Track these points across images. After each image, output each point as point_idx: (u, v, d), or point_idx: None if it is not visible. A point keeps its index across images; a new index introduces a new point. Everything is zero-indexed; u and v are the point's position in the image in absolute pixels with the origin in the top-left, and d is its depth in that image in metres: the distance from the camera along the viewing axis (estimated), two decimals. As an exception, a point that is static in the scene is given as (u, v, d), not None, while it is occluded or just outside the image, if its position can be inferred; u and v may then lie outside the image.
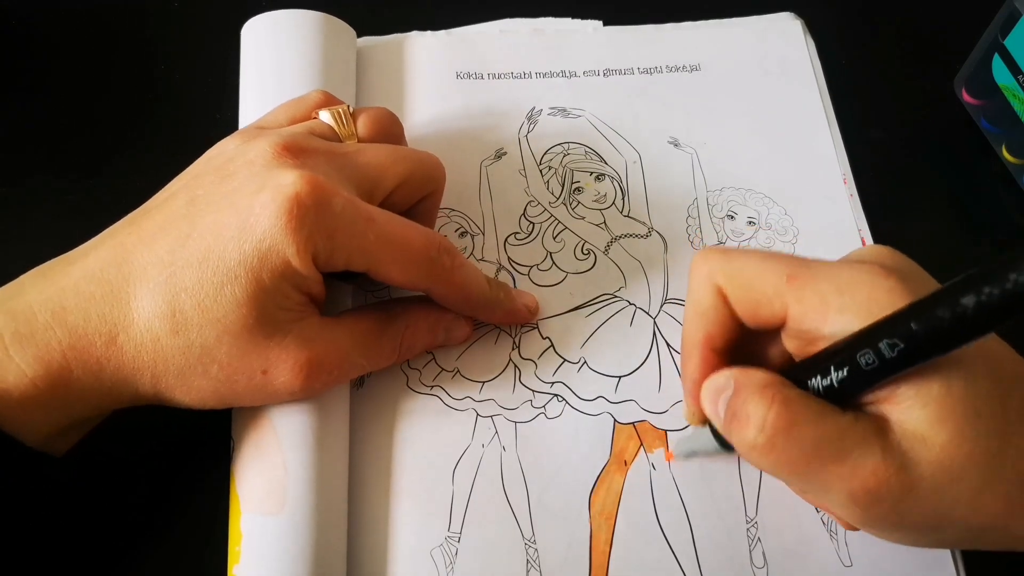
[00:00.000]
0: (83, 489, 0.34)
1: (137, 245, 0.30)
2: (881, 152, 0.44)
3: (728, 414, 0.28)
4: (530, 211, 0.41)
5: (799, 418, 0.26)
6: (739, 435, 0.27)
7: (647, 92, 0.44)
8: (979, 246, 0.42)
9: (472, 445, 0.35)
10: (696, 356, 0.30)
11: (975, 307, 0.22)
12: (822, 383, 0.27)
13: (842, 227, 0.41)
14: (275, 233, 0.29)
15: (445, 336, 0.36)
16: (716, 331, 0.30)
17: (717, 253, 0.30)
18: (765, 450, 0.27)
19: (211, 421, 0.33)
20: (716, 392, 0.29)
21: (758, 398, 0.27)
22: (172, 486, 0.35)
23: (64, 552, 0.33)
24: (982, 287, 0.22)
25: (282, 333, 0.30)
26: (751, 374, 0.28)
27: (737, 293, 0.29)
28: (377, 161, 0.33)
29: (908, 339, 0.24)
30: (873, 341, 0.25)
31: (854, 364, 0.25)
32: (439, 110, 0.43)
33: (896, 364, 0.25)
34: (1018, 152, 0.42)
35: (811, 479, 0.27)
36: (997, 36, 0.41)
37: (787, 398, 0.27)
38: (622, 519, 0.34)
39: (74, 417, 0.30)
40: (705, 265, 0.30)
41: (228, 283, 0.29)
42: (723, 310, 0.30)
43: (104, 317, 0.29)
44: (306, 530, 0.31)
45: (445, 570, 0.33)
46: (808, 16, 0.47)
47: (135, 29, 0.47)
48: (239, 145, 0.32)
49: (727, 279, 0.29)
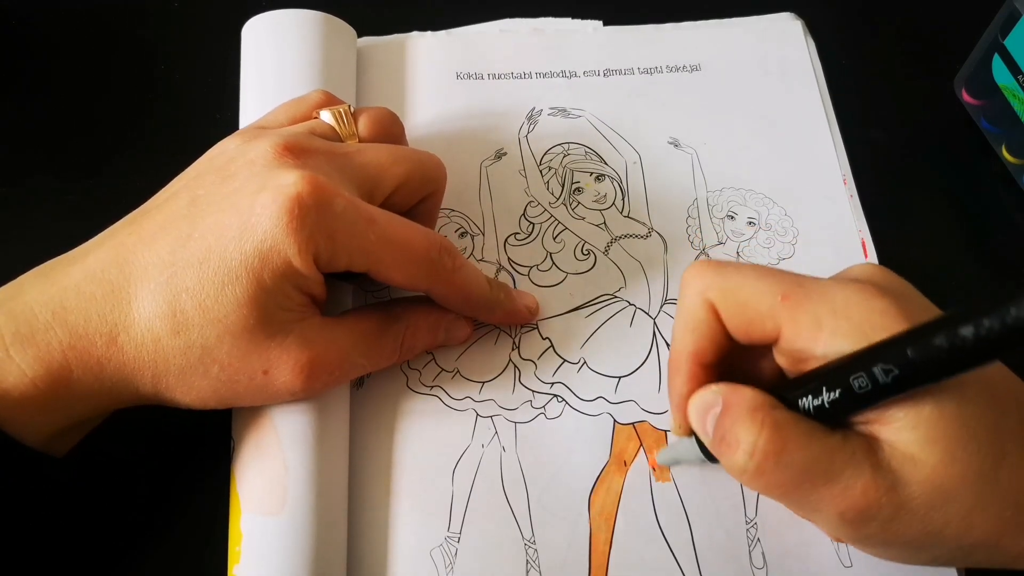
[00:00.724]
0: (83, 489, 0.34)
1: (138, 245, 0.30)
2: (881, 152, 0.44)
3: (717, 435, 0.28)
4: (530, 211, 0.41)
5: (789, 443, 0.26)
6: (728, 459, 0.27)
7: (647, 92, 0.44)
8: (979, 246, 0.42)
9: (472, 445, 0.35)
10: (684, 370, 0.30)
11: (973, 339, 0.23)
12: (813, 403, 0.27)
13: (842, 227, 0.41)
14: (276, 233, 0.29)
15: (445, 336, 0.36)
16: (706, 346, 0.29)
17: (710, 268, 0.29)
18: (755, 475, 0.26)
19: (211, 421, 0.33)
20: (704, 409, 0.28)
21: (748, 422, 0.26)
22: (172, 486, 0.35)
23: (65, 552, 0.33)
24: (981, 319, 0.22)
25: (283, 333, 0.30)
26: (740, 392, 0.28)
27: (730, 310, 0.29)
28: (378, 161, 0.33)
29: (903, 366, 0.24)
30: (867, 365, 0.25)
31: (847, 386, 0.25)
32: (439, 110, 0.43)
33: (889, 389, 0.25)
34: (1018, 152, 0.42)
35: (801, 501, 0.27)
36: (997, 36, 0.41)
37: (777, 422, 0.26)
38: (622, 519, 0.34)
39: (74, 417, 0.30)
40: (698, 280, 0.29)
41: (229, 283, 0.29)
42: (714, 325, 0.29)
43: (105, 317, 0.29)
44: (306, 530, 0.31)
45: (445, 570, 0.33)
46: (808, 16, 0.47)
47: (135, 29, 0.47)
48: (240, 145, 0.32)
49: (720, 295, 0.29)
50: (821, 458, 0.26)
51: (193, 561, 0.33)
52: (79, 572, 0.33)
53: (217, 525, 0.33)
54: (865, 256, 0.40)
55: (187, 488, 0.35)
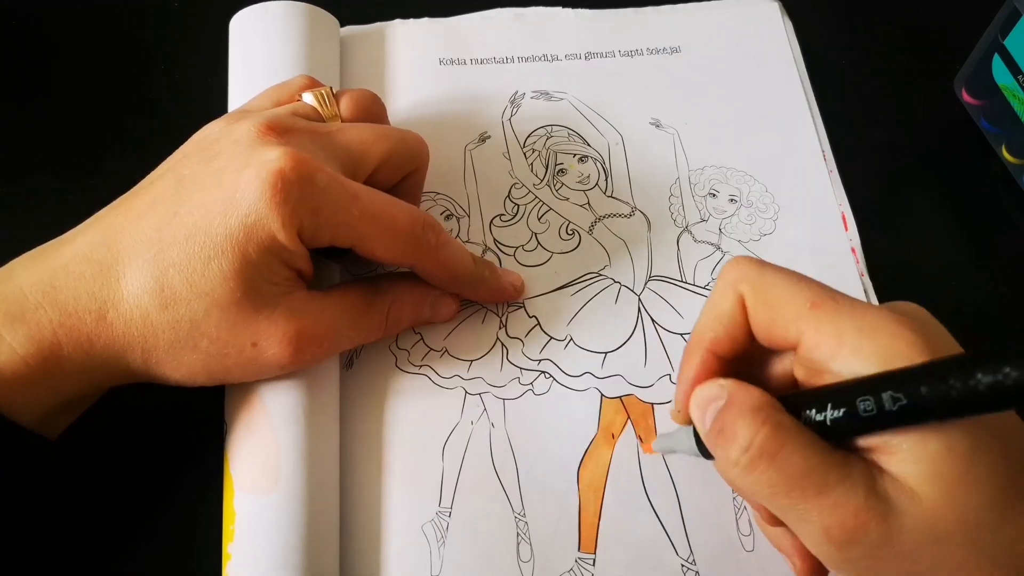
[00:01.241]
0: (76, 469, 0.34)
1: (125, 225, 0.30)
2: (881, 152, 0.44)
3: (715, 427, 0.27)
4: (515, 193, 0.41)
5: (787, 445, 0.25)
6: (723, 450, 0.26)
7: (628, 75, 0.44)
8: (979, 246, 0.42)
9: (461, 422, 0.36)
10: (698, 356, 0.29)
11: (989, 385, 0.21)
12: (816, 417, 0.26)
13: (822, 202, 0.41)
14: (260, 207, 0.29)
15: (431, 312, 0.36)
16: (725, 337, 0.29)
17: (750, 263, 0.29)
18: (746, 470, 0.26)
19: (204, 402, 0.33)
20: (706, 400, 0.28)
21: (749, 418, 0.26)
22: (166, 467, 0.35)
23: (59, 531, 0.33)
24: (1001, 366, 0.21)
25: (271, 307, 0.31)
26: (747, 390, 0.27)
27: (758, 306, 0.28)
28: (360, 139, 0.34)
29: (912, 397, 0.23)
30: (877, 390, 0.24)
31: (852, 407, 0.24)
32: (423, 96, 0.43)
33: (893, 419, 0.24)
34: (1018, 152, 0.42)
35: (789, 508, 0.26)
36: (997, 36, 0.40)
37: (779, 424, 0.26)
38: (610, 491, 0.34)
39: (67, 395, 0.30)
40: (735, 271, 0.29)
41: (215, 257, 0.29)
42: (738, 319, 0.29)
43: (94, 295, 0.29)
44: (299, 508, 0.31)
45: (436, 544, 0.33)
46: (808, 16, 0.47)
47: (134, 29, 0.47)
48: (224, 127, 0.32)
49: (752, 290, 0.28)
50: (817, 469, 0.25)
51: (187, 540, 0.34)
52: (74, 551, 0.33)
53: (211, 505, 0.33)
54: (846, 229, 0.40)
55: (181, 468, 0.35)
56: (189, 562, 0.33)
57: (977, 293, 0.40)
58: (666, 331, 0.38)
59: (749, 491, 0.27)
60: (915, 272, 0.40)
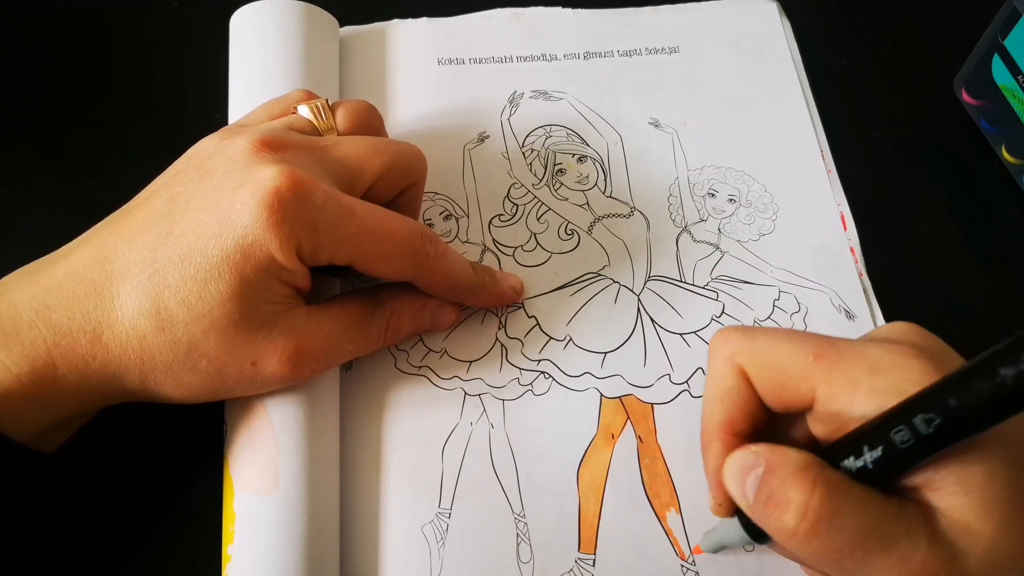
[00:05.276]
0: (76, 472, 0.33)
1: (119, 244, 0.29)
2: (880, 152, 0.43)
3: (762, 496, 0.25)
4: (514, 193, 0.40)
5: (844, 505, 0.23)
6: (777, 521, 0.24)
7: (627, 75, 0.43)
8: (978, 246, 0.41)
9: (460, 423, 0.35)
10: (717, 442, 0.27)
11: (1015, 377, 0.20)
12: (855, 464, 0.24)
13: (821, 202, 0.40)
14: (256, 229, 0.28)
15: (431, 322, 0.35)
16: (738, 415, 0.27)
17: (738, 333, 0.27)
18: (808, 538, 0.24)
19: (203, 405, 0.32)
20: (744, 470, 0.26)
21: (799, 480, 0.24)
22: (166, 469, 0.34)
23: (59, 532, 0.33)
24: (1020, 356, 0.20)
25: (269, 326, 0.29)
26: (785, 452, 0.25)
27: (761, 374, 0.27)
28: (356, 153, 0.32)
29: (945, 412, 0.22)
30: (908, 417, 0.23)
31: (888, 442, 0.23)
32: (422, 96, 0.42)
33: (933, 442, 0.22)
34: (1018, 152, 0.41)
35: (854, 570, 0.24)
36: (997, 36, 0.40)
37: (830, 481, 0.24)
38: (610, 491, 0.33)
39: (61, 413, 0.29)
40: (726, 346, 0.27)
41: (211, 280, 0.28)
42: (745, 393, 0.27)
43: (88, 315, 0.28)
44: (299, 509, 0.30)
45: (436, 545, 0.32)
46: (807, 16, 0.46)
47: (134, 29, 0.46)
48: (218, 143, 0.31)
49: (750, 360, 0.27)
50: (878, 524, 0.23)
51: (187, 541, 0.33)
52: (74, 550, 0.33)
53: (211, 505, 0.32)
54: (844, 229, 0.39)
55: (181, 471, 0.34)
56: (189, 564, 0.32)
57: (977, 293, 0.39)
58: (665, 331, 0.37)
59: (812, 560, 0.25)
60: (914, 272, 0.39)
